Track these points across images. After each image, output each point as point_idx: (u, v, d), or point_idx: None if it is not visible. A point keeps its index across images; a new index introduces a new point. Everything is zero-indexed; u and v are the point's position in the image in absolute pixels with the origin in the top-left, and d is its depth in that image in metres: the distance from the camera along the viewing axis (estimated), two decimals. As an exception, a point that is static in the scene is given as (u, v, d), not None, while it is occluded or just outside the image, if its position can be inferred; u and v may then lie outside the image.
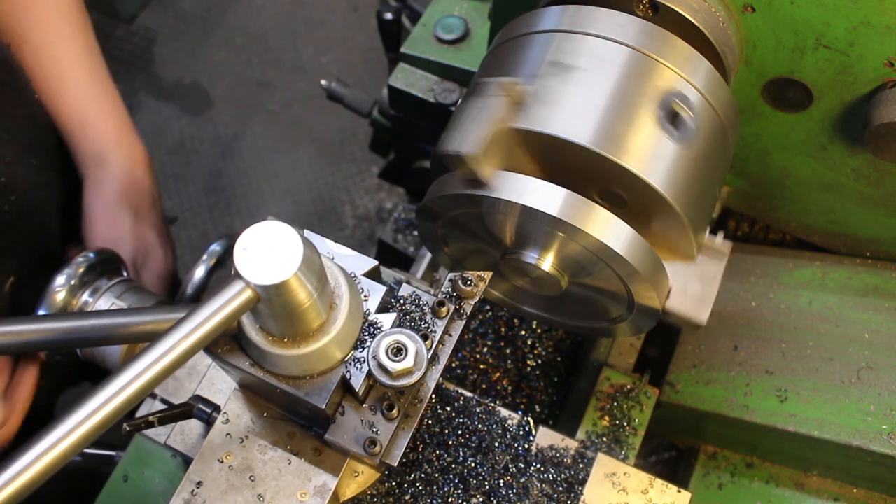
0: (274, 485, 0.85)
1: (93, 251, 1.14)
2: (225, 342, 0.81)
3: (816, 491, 1.25)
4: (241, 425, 0.88)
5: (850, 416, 1.12)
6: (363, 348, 0.80)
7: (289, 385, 0.79)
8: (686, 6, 0.91)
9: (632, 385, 1.15)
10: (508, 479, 1.02)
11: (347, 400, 0.83)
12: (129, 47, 3.44)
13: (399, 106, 1.52)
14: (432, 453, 1.03)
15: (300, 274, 0.67)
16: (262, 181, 3.20)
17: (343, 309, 0.77)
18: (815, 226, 1.24)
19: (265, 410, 0.89)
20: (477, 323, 1.35)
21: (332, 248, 0.88)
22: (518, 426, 1.06)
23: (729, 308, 1.28)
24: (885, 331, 1.18)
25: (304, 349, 0.76)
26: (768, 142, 1.10)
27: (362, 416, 0.82)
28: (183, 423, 1.08)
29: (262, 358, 0.78)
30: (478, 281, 0.86)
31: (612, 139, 0.80)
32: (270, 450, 0.87)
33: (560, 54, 0.87)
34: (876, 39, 0.87)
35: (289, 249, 0.67)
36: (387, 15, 1.65)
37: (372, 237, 3.07)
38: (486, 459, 1.03)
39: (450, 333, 0.85)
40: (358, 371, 0.80)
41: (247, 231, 0.68)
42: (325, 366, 0.79)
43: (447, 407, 1.06)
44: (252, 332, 0.77)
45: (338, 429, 0.81)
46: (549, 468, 1.03)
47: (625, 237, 0.81)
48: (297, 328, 0.75)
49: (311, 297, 0.71)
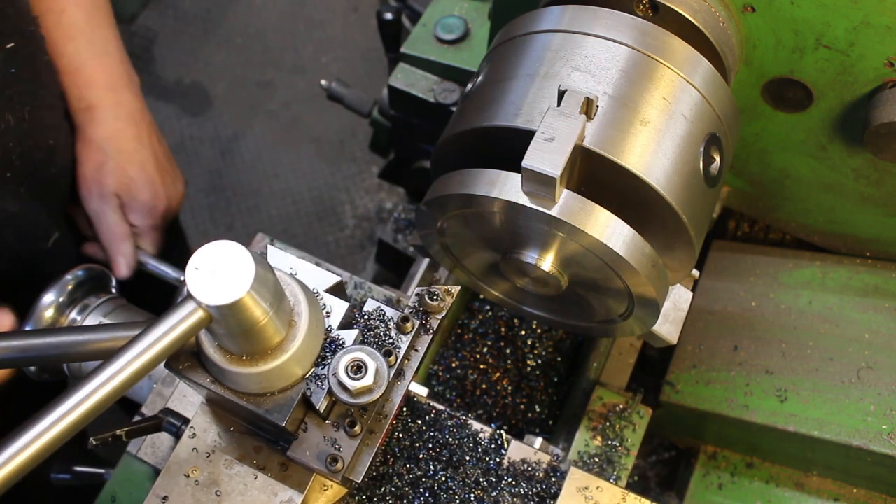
0: (240, 500, 0.84)
1: (82, 269, 1.13)
2: (186, 359, 0.80)
3: (816, 491, 1.25)
4: (207, 440, 0.87)
5: (850, 416, 1.12)
6: (325, 365, 0.80)
7: (249, 402, 0.78)
8: (686, 6, 0.91)
9: (624, 404, 1.14)
10: (479, 492, 1.01)
11: (310, 417, 0.82)
12: (129, 47, 3.44)
13: (399, 106, 1.52)
14: (402, 467, 1.02)
15: (253, 293, 0.67)
16: (262, 181, 3.20)
17: (302, 326, 0.77)
18: (815, 226, 1.24)
19: (232, 425, 0.88)
20: (477, 323, 1.35)
21: (295, 264, 0.87)
22: (490, 439, 1.04)
23: (729, 308, 1.28)
24: (885, 331, 1.18)
25: (262, 367, 0.75)
26: (768, 142, 1.10)
27: (325, 432, 0.81)
28: (154, 436, 1.06)
29: (221, 375, 0.78)
30: (444, 295, 0.85)
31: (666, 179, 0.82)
32: (237, 465, 0.86)
33: (562, 55, 0.87)
34: (876, 39, 0.87)
35: (241, 269, 0.67)
36: (387, 15, 1.65)
37: (372, 237, 3.07)
38: (457, 473, 1.02)
39: (416, 349, 0.85)
40: (319, 388, 0.79)
41: (199, 251, 0.68)
42: (285, 383, 0.79)
43: (418, 420, 1.05)
44: (210, 349, 0.76)
45: (300, 445, 0.81)
46: (521, 482, 1.01)
47: (625, 237, 0.81)
48: (255, 346, 0.75)
49: (267, 315, 0.71)
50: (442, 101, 1.41)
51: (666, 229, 0.86)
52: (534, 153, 0.76)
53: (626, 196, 0.84)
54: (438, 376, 1.32)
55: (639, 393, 1.14)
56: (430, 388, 1.30)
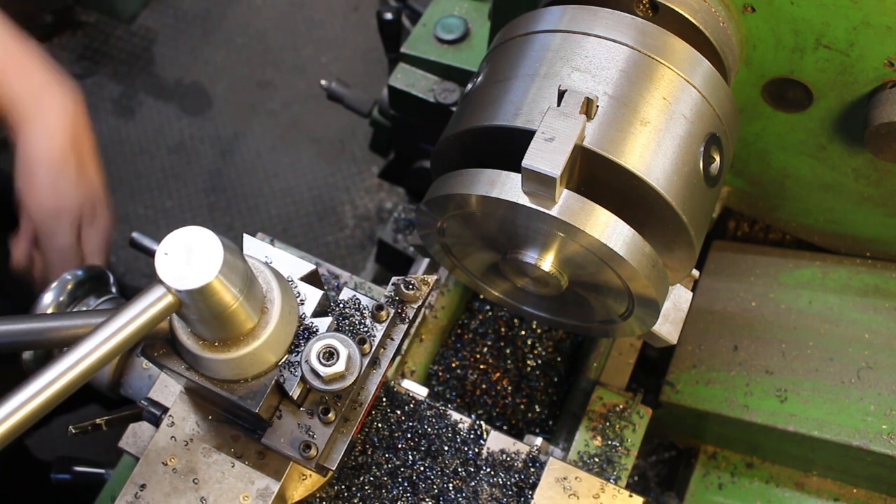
0: (217, 487, 0.85)
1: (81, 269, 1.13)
2: (161, 346, 0.81)
3: (816, 491, 1.25)
4: (186, 428, 0.88)
5: (850, 416, 1.12)
6: (298, 352, 0.80)
7: (223, 389, 0.79)
8: (686, 6, 0.91)
9: (624, 404, 1.14)
10: (458, 482, 1.01)
11: (285, 404, 0.83)
12: (129, 47, 3.44)
13: (399, 106, 1.52)
14: (381, 457, 1.02)
15: (222, 277, 0.68)
16: (262, 181, 3.19)
17: (275, 313, 0.77)
18: (815, 226, 1.24)
19: (210, 413, 0.89)
20: (477, 323, 1.35)
21: (271, 253, 0.88)
22: (469, 430, 1.05)
23: (729, 308, 1.28)
24: (885, 331, 1.18)
25: (235, 353, 0.76)
26: (768, 142, 1.10)
27: (299, 419, 0.82)
28: (136, 425, 1.07)
29: (195, 362, 0.79)
30: (420, 285, 0.86)
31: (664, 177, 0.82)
32: (214, 453, 0.87)
33: (562, 55, 0.87)
34: (876, 39, 0.87)
35: (210, 254, 0.68)
36: (387, 15, 1.65)
37: (372, 237, 3.07)
38: (436, 463, 1.03)
39: (391, 337, 0.86)
40: (292, 375, 0.80)
41: (168, 237, 0.68)
42: (258, 369, 0.79)
43: (397, 410, 1.05)
44: (184, 336, 0.77)
45: (274, 432, 0.82)
46: (500, 472, 1.02)
47: (625, 237, 0.81)
48: (227, 332, 0.75)
49: (237, 300, 0.71)
50: (442, 101, 1.41)
51: (666, 229, 0.86)
52: (534, 153, 0.76)
53: (626, 196, 0.84)
54: (438, 376, 1.32)
55: (639, 393, 1.14)
56: (430, 388, 1.30)
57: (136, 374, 1.06)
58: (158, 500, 0.85)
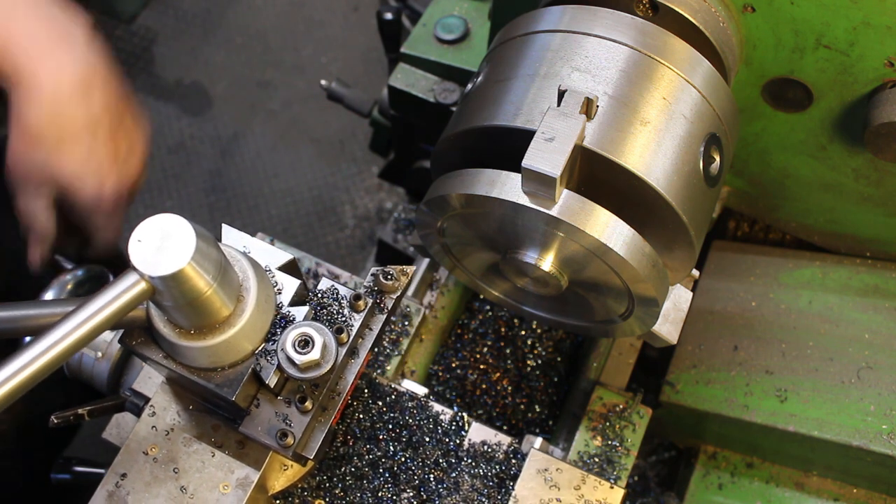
0: (197, 477, 0.86)
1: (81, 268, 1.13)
2: (139, 334, 0.81)
3: (816, 491, 1.25)
4: (167, 418, 0.89)
5: (850, 416, 1.12)
6: (275, 341, 0.81)
7: (200, 377, 0.80)
8: (686, 6, 0.91)
9: (624, 404, 1.14)
10: (439, 473, 1.02)
11: (263, 393, 0.83)
12: (129, 47, 3.44)
13: (399, 106, 1.52)
14: (363, 447, 1.03)
15: (194, 264, 0.68)
16: (262, 181, 3.19)
17: (250, 301, 0.78)
18: (815, 226, 1.24)
19: (191, 403, 0.90)
20: (477, 323, 1.35)
21: (248, 242, 0.88)
22: (451, 421, 1.06)
23: (729, 308, 1.28)
24: (885, 331, 1.18)
25: (211, 341, 0.77)
26: (768, 142, 1.10)
27: (277, 408, 0.82)
28: (119, 416, 1.07)
29: (172, 350, 0.79)
30: (399, 275, 0.86)
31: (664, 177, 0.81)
32: (195, 442, 0.88)
33: (562, 55, 0.87)
34: (876, 39, 0.87)
35: (182, 241, 0.68)
36: (387, 15, 1.65)
37: (372, 237, 3.07)
38: (417, 454, 1.03)
39: (370, 327, 0.86)
40: (269, 363, 0.80)
41: (142, 224, 0.69)
42: (234, 358, 0.80)
43: (378, 401, 1.06)
44: (160, 324, 0.77)
45: (252, 421, 0.82)
46: (481, 463, 1.03)
47: (625, 237, 0.81)
48: (202, 319, 0.76)
49: (210, 287, 0.71)
50: (442, 101, 1.41)
51: (666, 229, 0.86)
52: (534, 153, 0.76)
53: (626, 196, 0.84)
54: (438, 376, 1.32)
55: (639, 393, 1.14)
56: (430, 388, 1.30)
57: (136, 374, 1.06)
58: (139, 489, 0.85)
